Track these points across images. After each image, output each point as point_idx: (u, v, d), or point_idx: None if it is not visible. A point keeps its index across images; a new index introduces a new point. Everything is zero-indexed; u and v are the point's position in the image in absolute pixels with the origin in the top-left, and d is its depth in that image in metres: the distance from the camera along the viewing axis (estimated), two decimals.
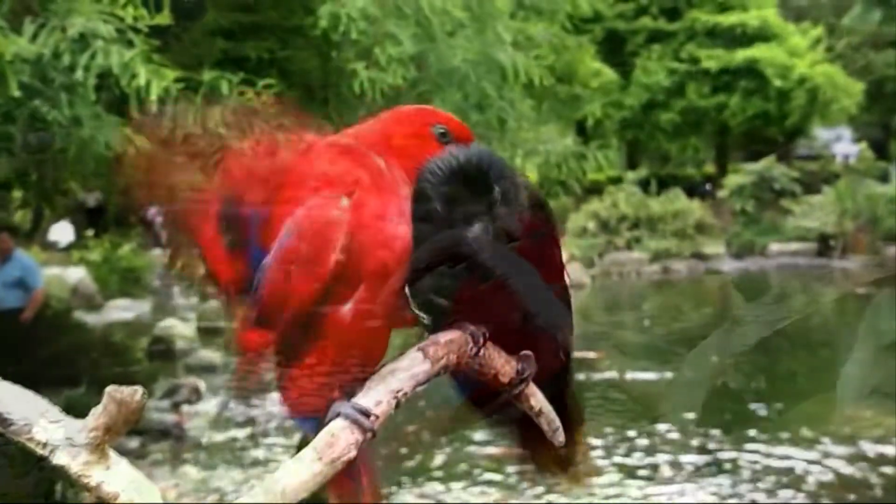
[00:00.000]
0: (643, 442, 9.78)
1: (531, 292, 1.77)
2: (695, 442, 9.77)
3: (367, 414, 1.68)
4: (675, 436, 10.02)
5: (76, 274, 19.88)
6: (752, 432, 10.03)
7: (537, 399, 1.86)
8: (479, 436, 9.91)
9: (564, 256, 1.90)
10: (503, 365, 1.84)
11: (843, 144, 39.77)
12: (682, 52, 35.91)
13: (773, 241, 29.29)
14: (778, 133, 36.10)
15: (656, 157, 40.91)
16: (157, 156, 1.89)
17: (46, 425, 1.61)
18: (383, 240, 1.67)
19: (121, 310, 19.81)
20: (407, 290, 1.75)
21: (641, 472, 8.94)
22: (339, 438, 1.64)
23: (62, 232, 24.37)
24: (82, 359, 10.20)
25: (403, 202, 1.68)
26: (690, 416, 10.56)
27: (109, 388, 1.57)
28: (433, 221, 1.67)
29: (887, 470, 8.93)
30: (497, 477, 8.93)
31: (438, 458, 9.51)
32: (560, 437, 1.87)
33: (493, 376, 1.84)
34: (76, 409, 1.74)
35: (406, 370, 1.76)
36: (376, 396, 1.71)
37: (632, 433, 10.06)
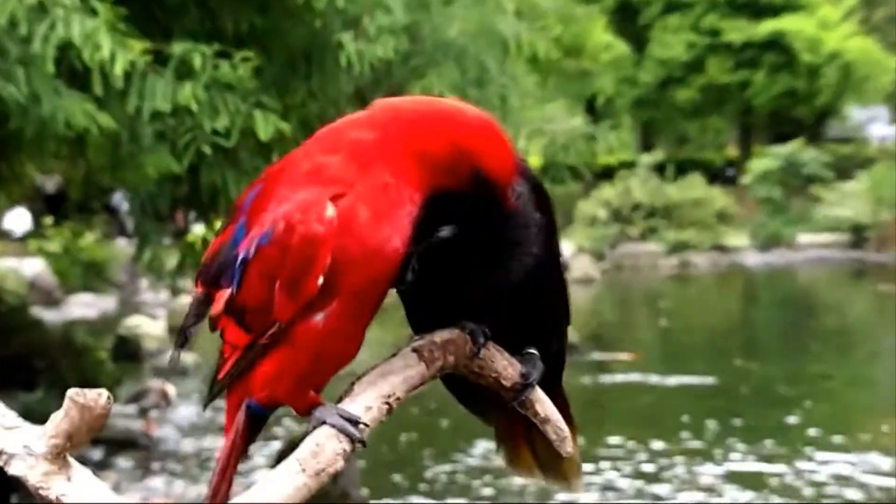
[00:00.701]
0: (663, 450, 9.81)
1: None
2: (718, 451, 9.80)
3: (355, 422, 1.68)
4: (696, 444, 10.05)
5: (34, 266, 19.88)
6: (779, 440, 10.05)
7: (543, 406, 1.84)
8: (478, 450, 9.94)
9: (567, 247, 1.90)
10: (505, 367, 1.83)
11: (880, 125, 39.81)
12: (701, 23, 35.95)
13: (802, 233, 29.34)
14: (807, 113, 36.16)
15: (673, 139, 40.97)
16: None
17: (1, 432, 1.60)
18: (369, 256, 1.66)
19: (83, 306, 19.82)
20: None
21: (661, 481, 8.97)
22: (324, 448, 1.64)
23: (18, 220, 24.37)
24: (40, 360, 10.20)
25: (402, 218, 1.67)
26: (712, 424, 10.60)
27: (71, 392, 1.57)
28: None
29: None
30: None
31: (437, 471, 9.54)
32: (568, 447, 1.86)
33: (493, 380, 1.83)
34: (33, 415, 1.74)
35: (399, 373, 1.75)
36: (365, 402, 1.70)
37: (652, 442, 10.09)
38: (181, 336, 1.87)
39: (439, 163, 1.69)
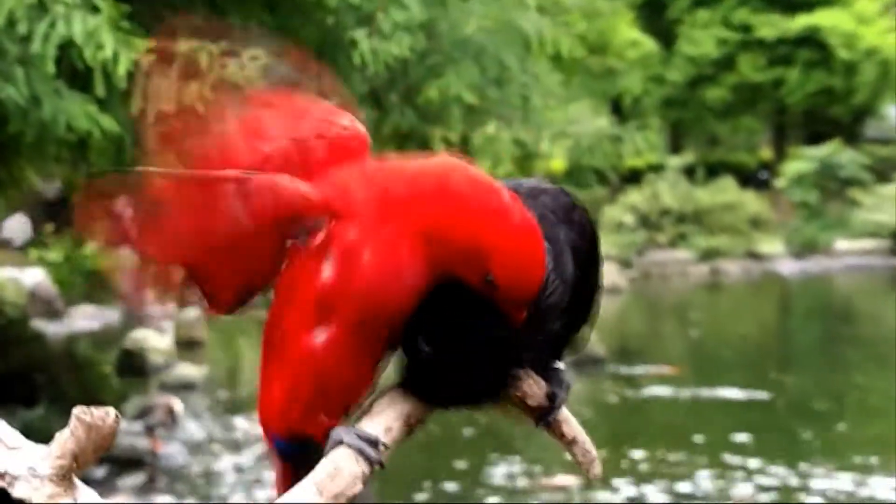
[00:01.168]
0: (695, 464, 9.79)
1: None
2: (753, 464, 9.78)
3: (374, 442, 1.68)
4: (734, 460, 10.03)
5: (34, 276, 19.91)
6: (816, 456, 10.02)
7: (570, 426, 1.82)
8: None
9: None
10: (531, 386, 1.81)
11: None
12: (732, 18, 35.90)
13: (840, 239, 29.26)
14: (844, 112, 36.05)
15: (704, 141, 40.90)
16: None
17: (4, 452, 1.60)
18: (372, 289, 1.67)
19: (86, 318, 19.85)
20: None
21: (695, 497, 8.96)
22: (342, 470, 1.63)
23: (18, 228, 24.42)
24: (41, 374, 10.23)
25: (407, 273, 1.67)
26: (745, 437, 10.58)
27: (77, 410, 1.57)
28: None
29: None
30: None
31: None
32: (596, 470, 1.85)
33: (518, 400, 1.82)
34: (35, 433, 1.74)
35: None
36: (385, 422, 1.70)
37: (684, 456, 10.07)
38: None
39: (455, 251, 1.65)
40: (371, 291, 1.66)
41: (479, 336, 1.71)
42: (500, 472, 9.80)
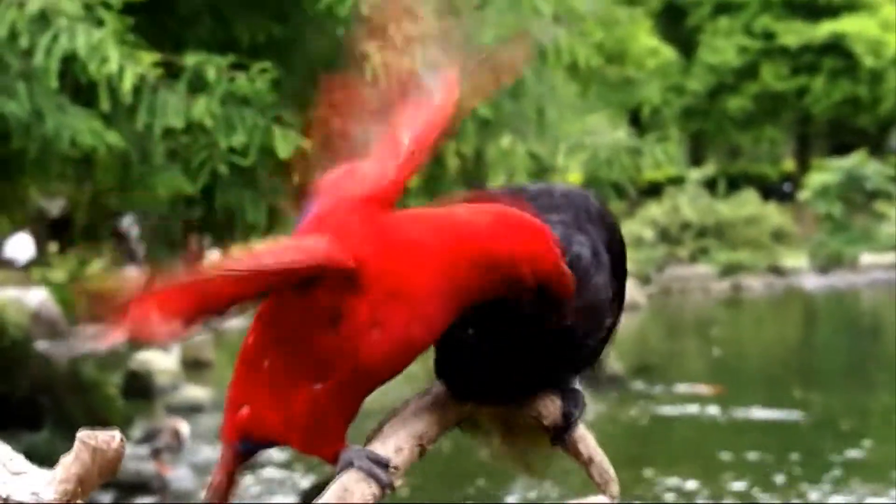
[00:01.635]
0: (719, 485, 9.79)
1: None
2: (778, 485, 9.77)
3: (384, 464, 1.69)
4: (754, 480, 10.01)
5: (37, 296, 19.94)
6: (842, 477, 10.00)
7: (587, 445, 1.83)
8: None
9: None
10: (546, 406, 1.82)
11: None
12: (754, 25, 35.90)
13: (865, 252, 29.21)
14: (870, 122, 36.01)
15: (725, 152, 40.89)
16: None
17: (8, 477, 1.61)
18: (379, 367, 1.68)
19: (90, 339, 19.85)
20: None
21: None
22: (352, 494, 1.63)
23: (21, 247, 24.47)
24: (45, 397, 10.24)
25: (434, 313, 1.68)
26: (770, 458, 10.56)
27: (82, 434, 1.57)
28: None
29: None
30: None
31: None
32: (613, 490, 1.85)
33: (533, 419, 1.82)
34: (39, 457, 1.75)
35: (432, 410, 1.75)
36: (397, 442, 1.70)
37: (707, 477, 10.06)
38: None
39: (495, 275, 1.69)
40: (377, 367, 1.68)
41: (524, 327, 1.73)
42: (517, 492, 9.80)
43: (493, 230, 1.70)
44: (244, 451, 1.81)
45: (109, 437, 1.57)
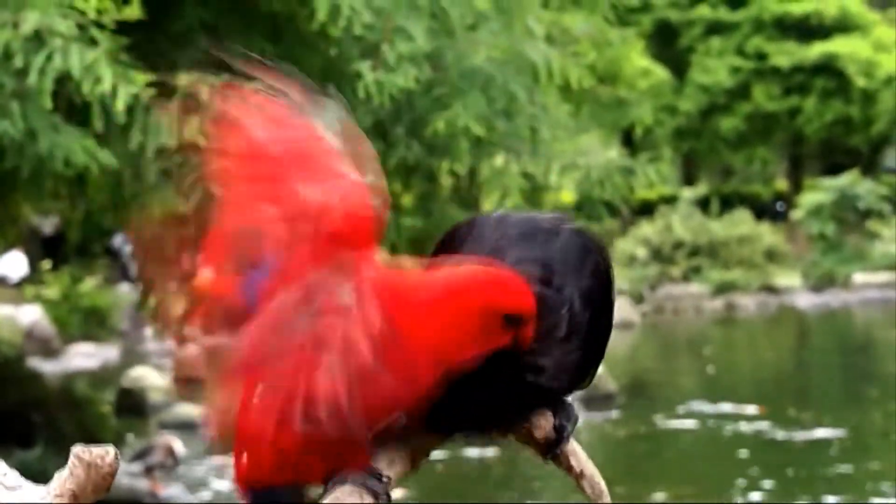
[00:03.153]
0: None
1: None
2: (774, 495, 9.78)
3: (378, 476, 1.69)
4: (753, 498, 10.02)
5: (30, 314, 19.93)
6: (837, 496, 10.01)
7: (578, 459, 1.84)
8: None
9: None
10: (538, 419, 1.84)
11: None
12: (747, 46, 35.97)
13: (859, 272, 29.22)
14: (862, 142, 36.07)
15: (717, 172, 40.92)
16: None
17: (2, 492, 1.61)
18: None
19: (83, 356, 19.85)
20: None
21: None
22: None
23: (14, 264, 24.47)
24: (38, 414, 10.23)
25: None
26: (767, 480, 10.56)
27: (76, 449, 1.57)
28: None
29: None
30: None
31: None
32: (606, 500, 1.87)
33: (525, 432, 1.84)
34: (31, 473, 1.75)
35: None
36: (389, 455, 1.71)
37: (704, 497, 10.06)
38: None
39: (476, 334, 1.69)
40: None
41: (491, 367, 1.73)
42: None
43: (476, 287, 1.69)
44: (260, 500, 1.78)
45: (104, 452, 1.57)
